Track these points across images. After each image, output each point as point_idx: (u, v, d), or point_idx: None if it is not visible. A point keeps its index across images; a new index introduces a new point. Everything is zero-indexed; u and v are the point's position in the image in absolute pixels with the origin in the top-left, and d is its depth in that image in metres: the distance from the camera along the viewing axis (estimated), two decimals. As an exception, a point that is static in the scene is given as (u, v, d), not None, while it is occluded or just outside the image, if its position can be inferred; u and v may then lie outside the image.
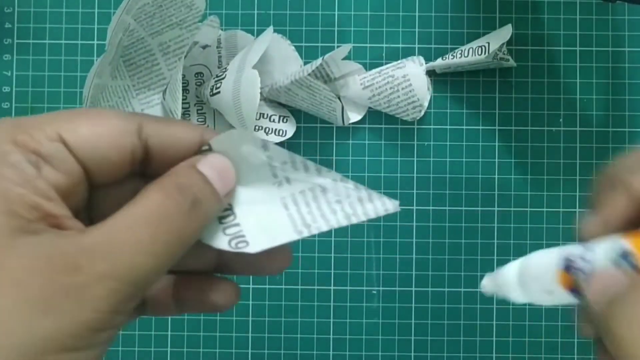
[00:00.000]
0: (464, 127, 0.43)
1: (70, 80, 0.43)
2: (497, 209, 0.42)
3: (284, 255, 0.23)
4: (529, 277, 0.24)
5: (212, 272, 0.24)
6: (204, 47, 0.42)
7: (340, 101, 0.41)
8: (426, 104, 0.41)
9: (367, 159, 0.43)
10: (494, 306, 0.42)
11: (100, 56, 0.39)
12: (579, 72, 0.42)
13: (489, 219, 0.42)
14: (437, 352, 0.42)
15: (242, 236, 0.22)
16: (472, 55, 0.40)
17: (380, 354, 0.42)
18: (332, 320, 0.42)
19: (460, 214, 0.42)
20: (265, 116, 0.42)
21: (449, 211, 0.42)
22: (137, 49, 0.41)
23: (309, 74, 0.39)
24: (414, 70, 0.41)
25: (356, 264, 0.42)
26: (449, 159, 0.42)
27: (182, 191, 0.19)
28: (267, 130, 0.42)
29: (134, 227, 0.18)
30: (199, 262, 0.23)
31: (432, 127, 0.43)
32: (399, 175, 0.42)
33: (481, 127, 0.43)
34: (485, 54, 0.39)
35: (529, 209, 0.42)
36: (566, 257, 0.22)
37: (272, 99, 0.42)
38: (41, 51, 0.43)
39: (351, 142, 0.43)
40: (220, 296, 0.23)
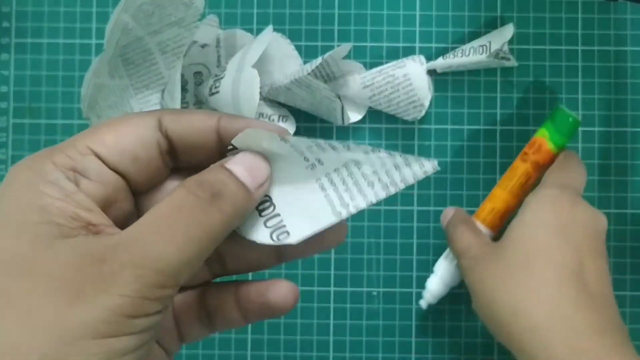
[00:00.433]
0: (465, 127, 0.42)
1: (68, 79, 0.43)
2: (498, 209, 0.42)
3: (340, 230, 0.24)
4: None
5: (274, 265, 0.25)
6: (203, 46, 0.42)
7: (340, 101, 0.41)
8: (427, 104, 0.41)
9: (367, 159, 0.42)
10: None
11: (98, 55, 0.39)
12: (581, 71, 0.42)
13: (490, 220, 0.42)
14: (437, 354, 0.42)
15: (283, 226, 0.22)
16: (473, 54, 0.40)
17: (380, 355, 0.42)
18: (332, 321, 0.42)
19: (461, 214, 0.42)
20: (264, 116, 0.41)
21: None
22: (136, 48, 0.41)
23: (309, 74, 0.38)
24: (414, 69, 0.40)
25: (356, 265, 0.42)
26: (450, 159, 0.42)
27: (201, 186, 0.21)
28: (267, 130, 0.41)
29: (155, 222, 0.20)
30: (260, 258, 0.25)
31: (433, 126, 0.42)
32: (399, 175, 0.42)
33: (482, 127, 0.42)
34: (486, 53, 0.39)
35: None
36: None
37: (272, 99, 0.42)
38: (39, 50, 0.43)
39: (351, 142, 0.42)
40: (278, 296, 0.24)
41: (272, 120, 0.42)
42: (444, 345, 0.42)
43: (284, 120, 0.42)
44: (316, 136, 0.42)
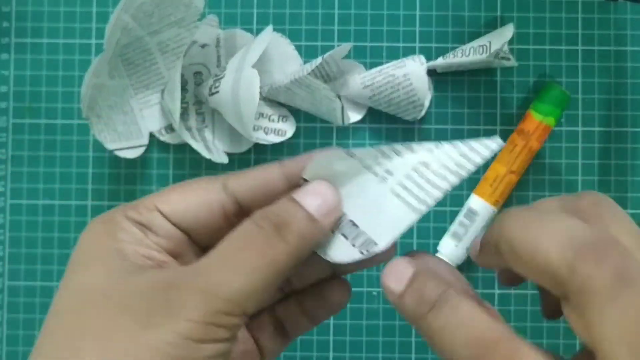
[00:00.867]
0: (465, 127, 0.42)
1: (68, 79, 0.43)
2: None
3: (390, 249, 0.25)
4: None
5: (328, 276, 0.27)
6: (203, 46, 0.42)
7: (340, 100, 0.41)
8: (427, 104, 0.41)
9: (367, 159, 0.42)
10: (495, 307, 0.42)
11: (98, 55, 0.39)
12: (581, 71, 0.42)
13: (490, 220, 0.42)
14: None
15: (369, 238, 0.23)
16: (473, 54, 0.40)
17: (380, 355, 0.42)
18: (331, 321, 0.42)
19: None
20: (264, 116, 0.41)
21: (450, 212, 0.42)
22: (136, 48, 0.41)
23: (309, 73, 0.38)
24: (414, 69, 0.40)
25: (356, 264, 0.42)
26: (449, 159, 0.42)
27: (266, 217, 0.22)
28: (267, 130, 0.41)
29: (222, 252, 0.21)
30: (319, 274, 0.26)
31: (433, 126, 0.42)
32: (399, 175, 0.42)
33: (482, 127, 0.42)
34: (486, 53, 0.39)
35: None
36: None
37: (272, 99, 0.42)
38: (39, 50, 0.43)
39: (351, 142, 0.42)
40: (334, 294, 0.25)
41: (272, 120, 0.42)
42: (444, 345, 0.42)
43: (284, 120, 0.42)
44: (316, 136, 0.42)
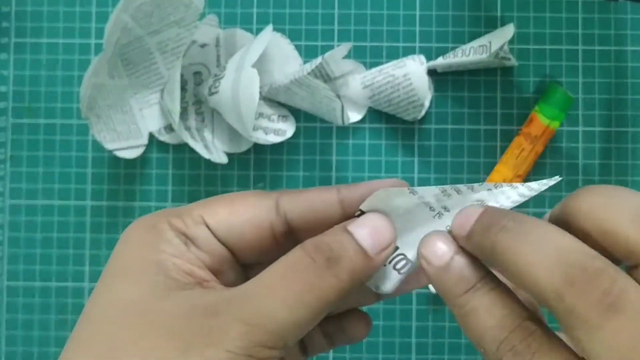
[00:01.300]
0: (465, 127, 0.42)
1: (67, 79, 0.43)
2: (498, 209, 0.42)
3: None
4: None
5: (373, 303, 0.26)
6: (203, 46, 0.42)
7: (340, 100, 0.41)
8: (427, 104, 0.41)
9: (367, 159, 0.42)
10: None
11: (98, 55, 0.39)
12: (581, 71, 0.42)
13: (490, 220, 0.42)
14: (438, 354, 0.42)
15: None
16: (473, 54, 0.40)
17: (380, 356, 0.42)
18: (332, 321, 0.42)
19: (461, 214, 0.42)
20: (264, 116, 0.41)
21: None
22: (135, 47, 0.41)
23: (309, 73, 0.38)
24: (414, 69, 0.40)
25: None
26: (450, 159, 0.42)
27: (319, 248, 0.20)
28: (267, 130, 0.41)
29: (269, 280, 0.20)
30: (362, 300, 0.26)
31: (433, 126, 0.42)
32: (399, 175, 0.42)
33: (482, 127, 0.42)
34: (486, 53, 0.39)
35: (531, 209, 0.42)
36: None
37: (272, 99, 0.42)
38: (39, 50, 0.43)
39: (351, 142, 0.42)
40: (356, 329, 0.25)
41: (272, 120, 0.41)
42: (444, 345, 0.42)
43: (284, 120, 0.42)
44: (316, 136, 0.42)
